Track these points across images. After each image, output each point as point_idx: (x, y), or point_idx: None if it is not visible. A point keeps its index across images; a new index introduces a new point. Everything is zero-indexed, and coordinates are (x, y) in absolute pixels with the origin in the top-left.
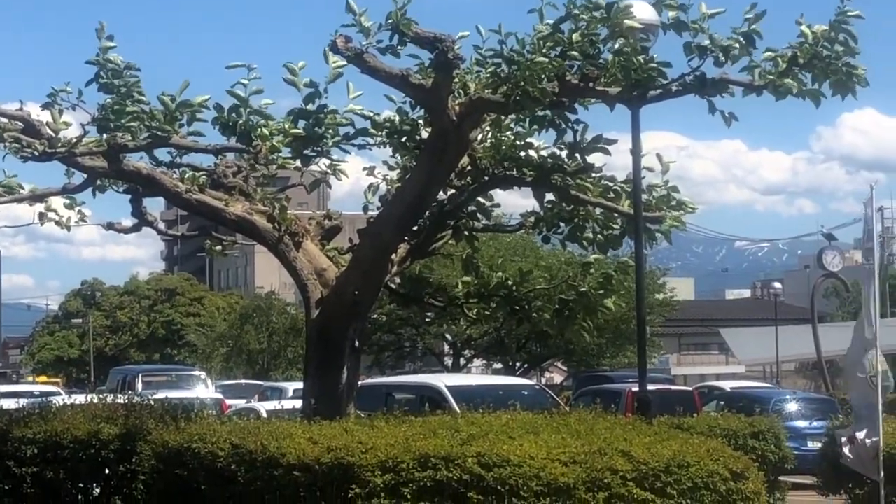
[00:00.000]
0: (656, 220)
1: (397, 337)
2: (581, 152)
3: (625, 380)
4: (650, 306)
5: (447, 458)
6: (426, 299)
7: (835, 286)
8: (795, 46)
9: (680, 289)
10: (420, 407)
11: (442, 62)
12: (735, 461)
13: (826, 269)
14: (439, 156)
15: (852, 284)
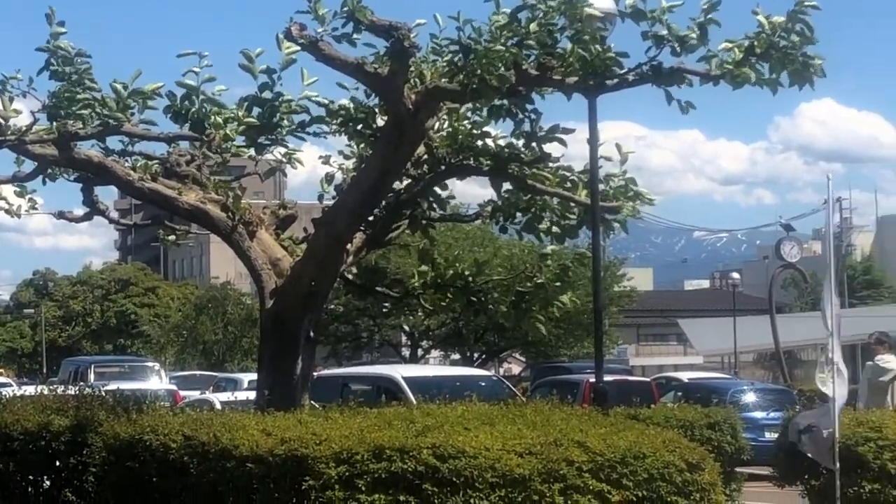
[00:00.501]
0: (613, 211)
1: (354, 327)
2: (538, 142)
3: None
4: (609, 297)
5: (402, 449)
6: (382, 290)
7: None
8: (752, 37)
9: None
10: (376, 398)
11: (398, 50)
12: (691, 452)
13: (784, 260)
14: (395, 145)
15: (810, 275)
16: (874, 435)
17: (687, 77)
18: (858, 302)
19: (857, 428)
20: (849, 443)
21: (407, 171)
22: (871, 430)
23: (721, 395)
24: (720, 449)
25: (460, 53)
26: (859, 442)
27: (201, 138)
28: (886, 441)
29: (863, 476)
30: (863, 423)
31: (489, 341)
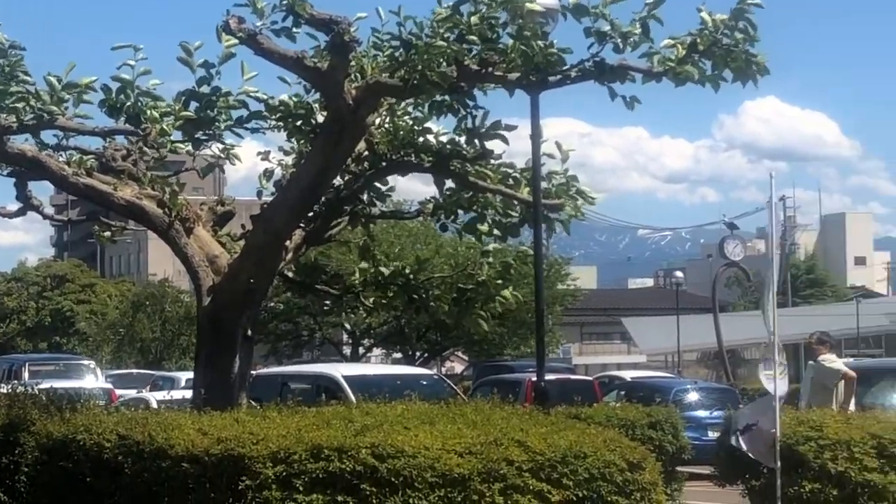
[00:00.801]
0: (556, 209)
1: (295, 325)
2: (480, 138)
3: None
4: (553, 296)
5: (340, 449)
6: (322, 287)
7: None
8: (695, 34)
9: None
10: (316, 397)
11: (338, 45)
12: (632, 451)
13: (728, 259)
14: (335, 140)
15: (754, 274)
16: (815, 434)
17: (630, 74)
18: (802, 301)
19: (798, 427)
20: (789, 442)
21: (347, 167)
22: (811, 429)
23: (664, 394)
24: (661, 448)
25: (401, 48)
26: (800, 441)
27: (137, 133)
28: (827, 440)
29: (803, 476)
30: (804, 422)
31: (431, 340)
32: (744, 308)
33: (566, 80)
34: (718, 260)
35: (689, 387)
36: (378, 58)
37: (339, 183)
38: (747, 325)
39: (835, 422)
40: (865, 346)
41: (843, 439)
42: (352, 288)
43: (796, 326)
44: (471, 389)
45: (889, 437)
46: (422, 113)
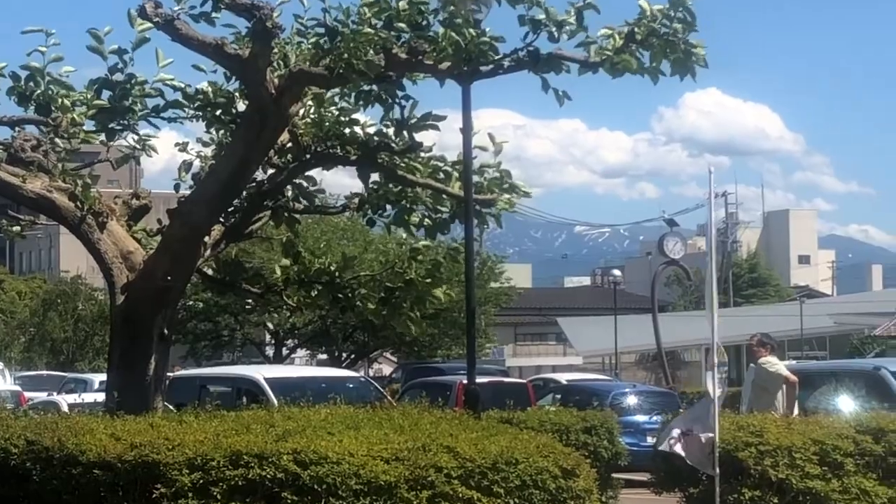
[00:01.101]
0: (488, 204)
1: (214, 325)
2: (409, 130)
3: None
4: (485, 295)
5: (260, 455)
6: (242, 285)
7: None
8: (633, 23)
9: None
10: (236, 400)
11: (259, 31)
12: (566, 458)
13: (667, 257)
14: (257, 131)
15: (694, 273)
16: (755, 440)
17: (565, 64)
18: (744, 301)
19: (738, 433)
20: (729, 448)
21: (269, 159)
22: (751, 434)
23: (601, 397)
24: (597, 454)
25: (326, 35)
26: (739, 447)
27: (48, 122)
28: (767, 446)
29: (743, 483)
30: (743, 427)
31: (359, 340)
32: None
33: (499, 69)
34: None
35: (627, 390)
36: (302, 45)
37: (261, 176)
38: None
39: (776, 427)
40: (809, 348)
41: (785, 445)
42: (274, 286)
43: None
44: (399, 392)
45: (831, 443)
46: (348, 103)
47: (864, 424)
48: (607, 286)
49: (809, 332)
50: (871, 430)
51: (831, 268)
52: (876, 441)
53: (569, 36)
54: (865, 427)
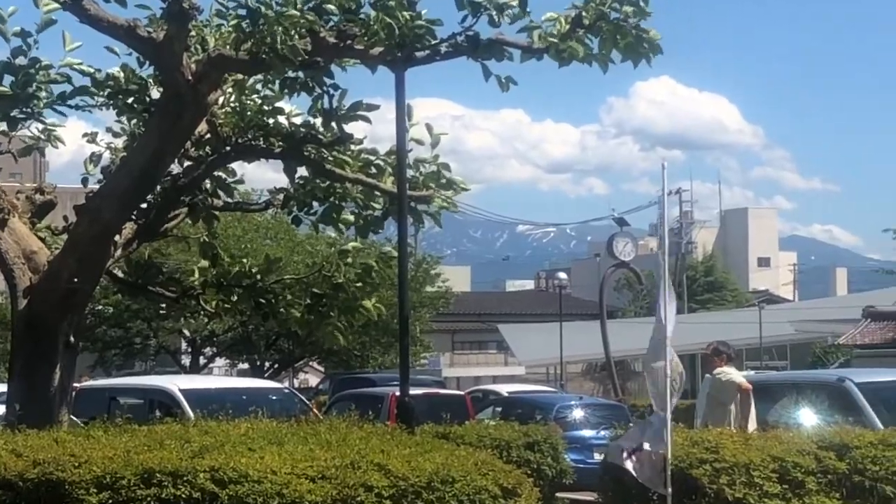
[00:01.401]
0: (424, 200)
1: (126, 332)
2: (338, 121)
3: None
4: (420, 300)
5: (175, 473)
6: (156, 288)
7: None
8: (580, 6)
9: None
10: (149, 414)
11: (175, 12)
12: (506, 476)
13: (617, 259)
14: (172, 121)
15: (646, 276)
16: (710, 456)
17: (507, 50)
18: (699, 306)
19: (692, 448)
20: (682, 465)
21: (186, 151)
22: (706, 450)
23: (545, 410)
24: (540, 472)
25: (248, 18)
26: (694, 464)
27: None
28: (724, 463)
29: (697, 502)
30: (698, 442)
31: (283, 349)
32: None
33: (435, 55)
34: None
35: (572, 403)
36: (222, 28)
37: (177, 170)
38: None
39: (732, 442)
40: (769, 358)
41: (742, 462)
42: (191, 289)
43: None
44: (326, 405)
45: (792, 460)
46: (272, 91)
47: (826, 440)
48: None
49: (769, 341)
50: (834, 446)
51: (793, 271)
52: (839, 458)
53: (511, 20)
54: (828, 443)
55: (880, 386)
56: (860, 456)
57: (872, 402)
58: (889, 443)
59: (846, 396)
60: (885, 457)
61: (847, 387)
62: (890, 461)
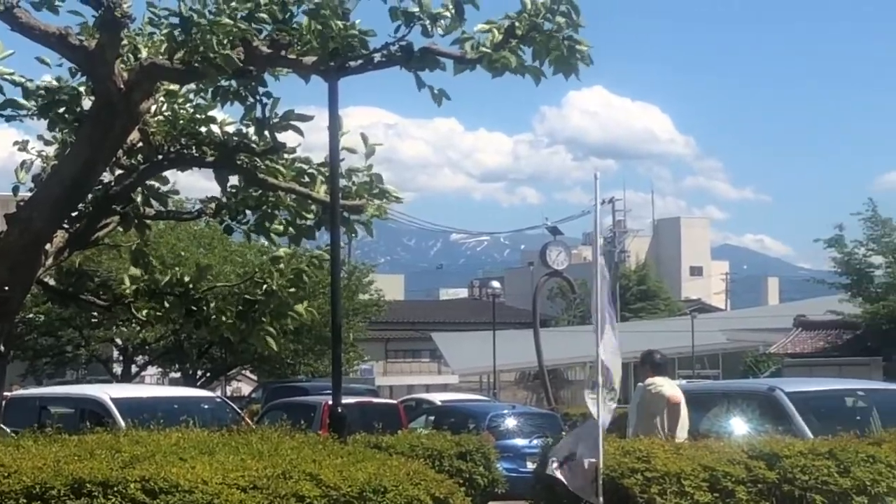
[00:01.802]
0: (356, 210)
1: (57, 340)
2: (271, 130)
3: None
4: (353, 307)
5: (105, 483)
6: (88, 297)
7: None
8: (513, 17)
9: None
10: (80, 423)
11: (108, 20)
12: (438, 485)
13: (550, 267)
14: (104, 130)
15: (580, 284)
16: (641, 466)
17: (440, 60)
18: (632, 315)
19: (623, 458)
20: (613, 475)
21: (118, 160)
22: (638, 460)
23: (478, 419)
24: (472, 481)
25: (181, 26)
26: (625, 473)
27: None
28: (655, 473)
29: None
30: (629, 452)
31: (215, 357)
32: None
33: (368, 65)
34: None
35: (505, 412)
36: (154, 36)
37: (109, 178)
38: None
39: (664, 452)
40: (701, 367)
41: (673, 471)
42: (122, 298)
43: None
44: (259, 414)
45: (722, 469)
46: (204, 100)
47: (757, 449)
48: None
49: (701, 350)
50: (764, 456)
51: (725, 280)
52: (770, 467)
53: (444, 31)
54: (759, 452)
55: (810, 395)
56: (790, 465)
57: (802, 411)
58: (818, 452)
59: (777, 406)
60: (814, 466)
61: (777, 396)
62: (819, 470)
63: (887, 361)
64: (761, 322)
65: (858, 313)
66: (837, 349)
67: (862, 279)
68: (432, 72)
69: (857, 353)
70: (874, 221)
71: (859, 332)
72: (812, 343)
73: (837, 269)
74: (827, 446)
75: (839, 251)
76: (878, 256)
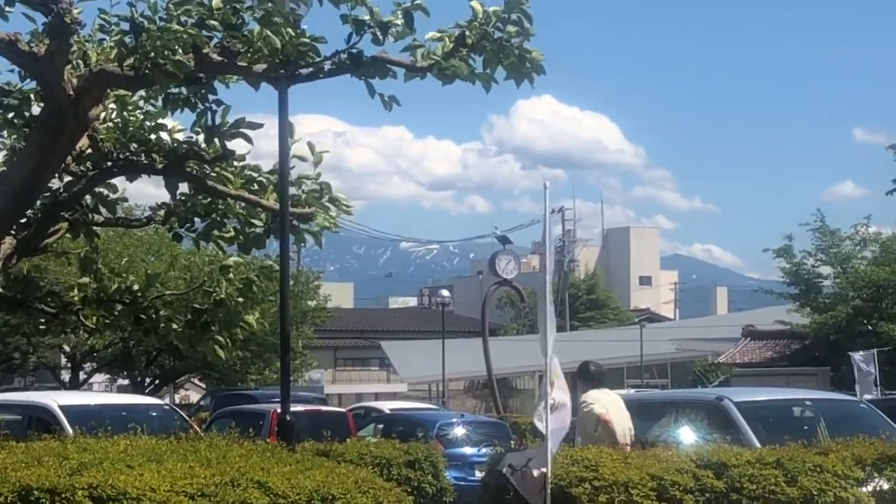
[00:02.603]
0: (306, 218)
1: (4, 347)
2: (221, 137)
3: (270, 399)
4: (301, 313)
5: (53, 490)
6: (35, 304)
7: (509, 295)
8: (464, 25)
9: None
10: (26, 430)
11: (57, 27)
12: (386, 494)
13: (499, 276)
14: (53, 136)
15: (528, 294)
16: (590, 475)
17: (390, 68)
18: (581, 324)
19: (571, 467)
20: (562, 483)
21: (67, 166)
22: (586, 468)
23: (427, 428)
24: (420, 490)
25: (131, 33)
26: (573, 482)
27: None
28: (603, 481)
29: None
30: (577, 461)
31: (163, 365)
32: (517, 332)
33: (319, 73)
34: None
35: (454, 420)
36: (105, 43)
37: (58, 185)
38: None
39: (612, 461)
40: (650, 376)
41: (621, 480)
42: (70, 305)
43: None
44: (207, 422)
45: (670, 479)
46: (154, 107)
47: (705, 458)
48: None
49: (650, 359)
50: (712, 465)
51: (674, 290)
52: (717, 476)
53: (395, 38)
54: (706, 461)
55: (758, 405)
56: (738, 475)
57: (750, 420)
58: (766, 461)
59: (725, 415)
60: (762, 475)
61: (725, 405)
62: (767, 480)
63: (835, 371)
64: (710, 332)
65: (807, 323)
66: (785, 359)
67: (810, 289)
68: (382, 79)
69: (805, 363)
70: (822, 232)
71: (807, 343)
72: (760, 353)
73: (786, 280)
74: (774, 456)
75: (788, 261)
76: (826, 267)
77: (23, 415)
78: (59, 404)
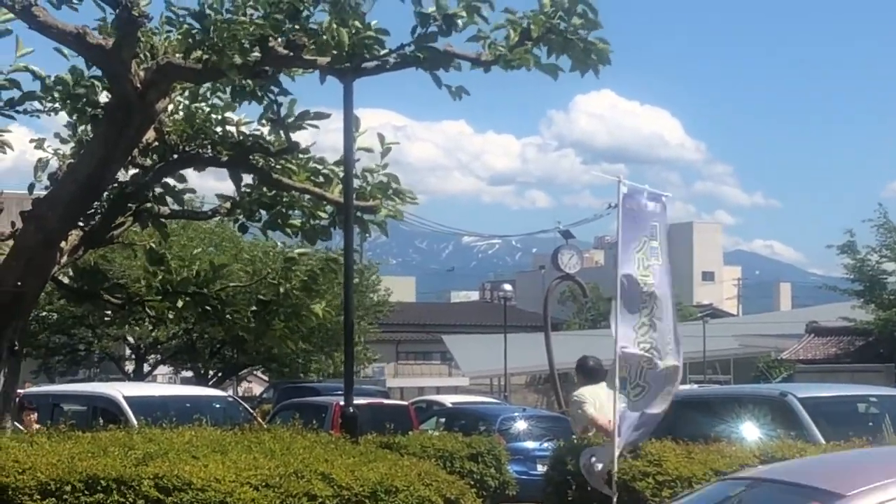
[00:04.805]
0: (370, 210)
1: (70, 338)
2: (286, 129)
3: (333, 392)
4: (364, 308)
5: (119, 480)
6: (102, 295)
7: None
8: (530, 17)
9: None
10: (92, 420)
11: (125, 19)
12: (449, 486)
13: (562, 271)
14: (120, 129)
15: (591, 288)
16: (653, 469)
17: (455, 61)
18: None
19: (635, 461)
20: (625, 478)
21: (133, 159)
22: (649, 463)
23: (489, 422)
24: (483, 483)
25: (198, 25)
26: (636, 476)
27: None
28: (666, 476)
29: None
30: (641, 456)
31: (226, 357)
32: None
33: (384, 66)
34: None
35: (516, 414)
36: (171, 35)
37: (125, 177)
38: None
39: (675, 456)
40: (712, 372)
41: (684, 475)
42: (136, 296)
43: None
44: (270, 414)
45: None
46: (220, 99)
47: (768, 454)
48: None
49: (713, 355)
50: (776, 460)
51: (737, 285)
52: None
53: (460, 30)
54: (770, 457)
55: (822, 401)
56: None
57: (814, 416)
58: None
59: (788, 411)
60: None
61: (789, 401)
62: None
63: None
64: (773, 328)
65: (871, 320)
66: (850, 356)
67: (874, 286)
68: (447, 72)
69: (869, 359)
70: (886, 228)
71: (872, 339)
72: (824, 349)
73: (850, 276)
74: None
75: (851, 257)
76: (890, 263)
77: (88, 405)
78: (123, 395)
